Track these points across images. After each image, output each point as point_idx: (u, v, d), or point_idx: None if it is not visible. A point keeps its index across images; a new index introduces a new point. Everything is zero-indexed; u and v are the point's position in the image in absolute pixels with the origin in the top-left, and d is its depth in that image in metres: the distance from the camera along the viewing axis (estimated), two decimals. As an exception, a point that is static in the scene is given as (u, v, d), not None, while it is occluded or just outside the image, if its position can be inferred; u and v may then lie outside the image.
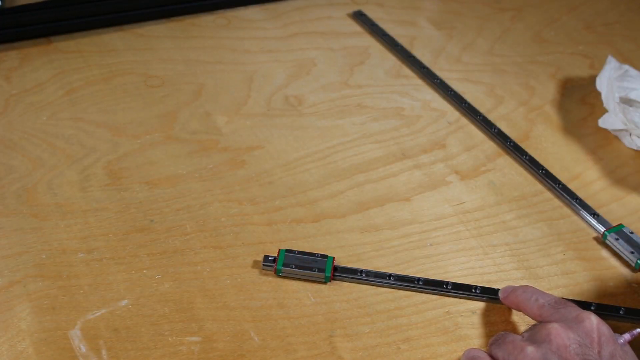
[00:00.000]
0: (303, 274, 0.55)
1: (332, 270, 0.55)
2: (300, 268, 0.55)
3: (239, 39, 0.81)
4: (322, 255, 0.56)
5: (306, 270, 0.55)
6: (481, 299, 0.55)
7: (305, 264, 0.55)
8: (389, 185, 0.64)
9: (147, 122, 0.69)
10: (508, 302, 0.54)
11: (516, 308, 0.53)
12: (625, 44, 0.85)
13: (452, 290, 0.55)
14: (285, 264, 0.55)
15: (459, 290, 0.55)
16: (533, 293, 0.52)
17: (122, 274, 0.55)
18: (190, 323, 0.52)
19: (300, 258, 0.56)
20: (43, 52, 0.76)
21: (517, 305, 0.53)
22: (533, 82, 0.78)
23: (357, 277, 0.55)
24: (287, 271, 0.55)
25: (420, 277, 0.56)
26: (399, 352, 0.51)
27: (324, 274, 0.55)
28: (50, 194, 0.61)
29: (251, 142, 0.67)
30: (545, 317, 0.50)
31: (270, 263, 0.55)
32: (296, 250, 0.56)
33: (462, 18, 0.87)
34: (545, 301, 0.51)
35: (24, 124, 0.67)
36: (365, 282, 0.55)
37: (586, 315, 0.48)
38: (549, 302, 0.50)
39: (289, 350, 0.51)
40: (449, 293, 0.55)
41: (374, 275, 0.55)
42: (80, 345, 0.50)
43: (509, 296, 0.53)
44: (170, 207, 0.60)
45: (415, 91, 0.76)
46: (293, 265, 0.55)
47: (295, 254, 0.56)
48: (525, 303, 0.52)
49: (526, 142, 0.70)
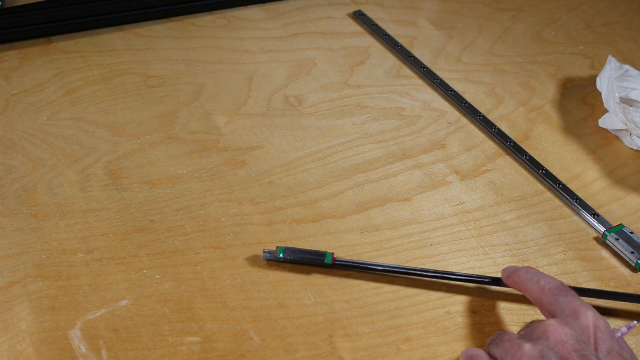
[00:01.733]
0: (304, 259, 0.56)
1: (332, 259, 0.56)
2: (301, 253, 0.56)
3: (239, 39, 0.81)
4: (321, 252, 0.56)
5: (307, 256, 0.56)
6: (483, 283, 0.55)
7: (304, 254, 0.56)
8: (389, 185, 0.64)
9: (147, 122, 0.69)
10: (510, 282, 0.53)
11: (517, 288, 0.53)
12: (625, 44, 0.85)
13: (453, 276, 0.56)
14: (285, 251, 0.56)
15: (458, 276, 0.56)
16: (535, 274, 0.52)
17: (122, 274, 0.55)
18: (190, 323, 0.52)
19: (300, 251, 0.56)
20: (43, 52, 0.76)
21: (519, 285, 0.52)
22: (533, 82, 0.78)
23: (358, 263, 0.56)
24: (289, 253, 0.56)
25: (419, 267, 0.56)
26: (399, 352, 0.51)
27: (324, 258, 0.55)
28: (50, 194, 0.61)
29: (251, 142, 0.67)
30: (544, 303, 0.50)
31: (269, 252, 0.56)
32: (295, 247, 0.57)
33: (462, 18, 0.87)
34: (547, 284, 0.50)
35: (24, 124, 0.67)
36: (365, 268, 0.56)
37: (583, 310, 0.48)
38: (549, 287, 0.50)
39: (289, 350, 0.51)
40: (449, 277, 0.56)
41: (374, 264, 0.56)
42: (80, 345, 0.50)
43: (511, 276, 0.53)
44: (170, 207, 0.60)
45: (415, 91, 0.76)
46: (292, 255, 0.56)
47: (294, 250, 0.57)
48: (527, 284, 0.52)
49: (526, 142, 0.70)
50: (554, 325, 0.46)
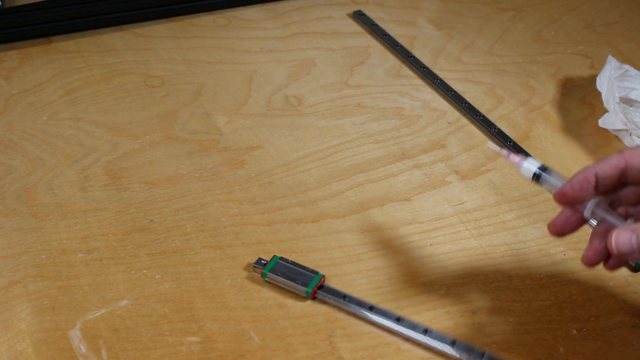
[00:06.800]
0: (285, 284, 0.54)
1: (315, 287, 0.54)
2: (286, 277, 0.54)
3: (239, 39, 0.81)
4: (313, 271, 0.55)
5: (289, 281, 0.54)
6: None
7: (291, 274, 0.54)
8: (389, 185, 0.64)
9: (147, 122, 0.69)
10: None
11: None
12: (625, 44, 0.85)
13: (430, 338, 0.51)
14: (272, 269, 0.54)
15: (436, 340, 0.51)
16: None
17: (122, 274, 0.55)
18: (190, 323, 0.52)
19: (290, 268, 0.55)
20: (43, 52, 0.76)
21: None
22: (533, 82, 0.78)
23: (339, 301, 0.53)
24: (272, 277, 0.54)
25: (400, 316, 0.52)
26: (399, 352, 0.51)
27: (306, 288, 0.54)
28: (50, 194, 0.61)
29: (251, 142, 0.67)
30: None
31: (260, 266, 0.55)
32: (290, 260, 0.55)
33: (462, 18, 0.87)
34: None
35: (24, 124, 0.67)
36: (345, 309, 0.53)
37: None
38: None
39: (289, 350, 0.51)
40: (425, 341, 0.51)
41: (356, 303, 0.53)
42: (80, 345, 0.50)
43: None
44: (170, 207, 0.60)
45: (415, 91, 0.76)
46: (279, 273, 0.54)
47: (288, 264, 0.55)
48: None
49: (526, 142, 0.70)
50: None
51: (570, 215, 0.50)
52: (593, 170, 0.48)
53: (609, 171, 0.48)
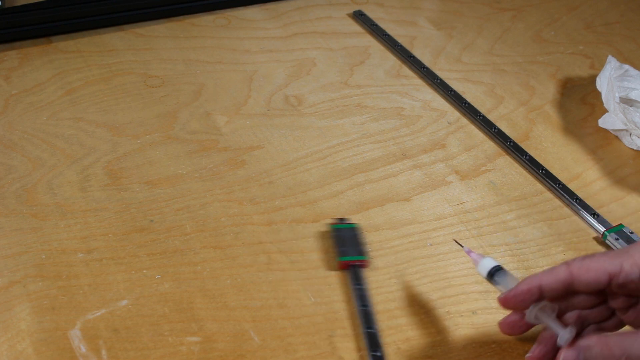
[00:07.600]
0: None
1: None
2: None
3: (239, 39, 0.81)
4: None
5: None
6: None
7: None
8: (389, 185, 0.64)
9: (147, 122, 0.69)
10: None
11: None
12: (625, 44, 0.85)
13: None
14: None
15: None
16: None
17: (121, 274, 0.55)
18: (190, 323, 0.52)
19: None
20: (43, 52, 0.76)
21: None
22: (533, 82, 0.78)
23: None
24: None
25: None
26: (399, 352, 0.51)
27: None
28: (50, 194, 0.61)
29: (251, 142, 0.67)
30: None
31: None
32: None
33: (462, 18, 0.87)
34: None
35: (24, 124, 0.67)
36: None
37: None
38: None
39: (289, 350, 0.51)
40: None
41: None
42: (80, 345, 0.50)
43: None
44: (170, 207, 0.60)
45: (415, 91, 0.76)
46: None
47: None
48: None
49: (526, 142, 0.70)
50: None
51: (520, 318, 0.50)
52: (538, 282, 0.47)
53: (555, 284, 0.47)
